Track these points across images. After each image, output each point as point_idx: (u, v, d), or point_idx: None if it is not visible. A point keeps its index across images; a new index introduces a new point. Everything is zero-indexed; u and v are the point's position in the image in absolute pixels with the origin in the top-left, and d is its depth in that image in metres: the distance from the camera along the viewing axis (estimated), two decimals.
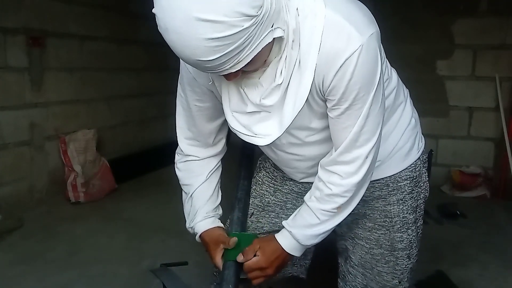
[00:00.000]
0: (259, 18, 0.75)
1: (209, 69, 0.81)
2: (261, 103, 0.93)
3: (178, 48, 0.79)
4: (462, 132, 4.06)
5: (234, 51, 0.76)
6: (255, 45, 0.79)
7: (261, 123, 0.96)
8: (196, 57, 0.77)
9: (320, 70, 0.89)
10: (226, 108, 0.99)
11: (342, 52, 0.86)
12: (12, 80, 3.14)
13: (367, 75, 0.89)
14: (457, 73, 4.01)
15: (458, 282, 2.29)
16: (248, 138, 0.98)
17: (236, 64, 0.80)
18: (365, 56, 0.87)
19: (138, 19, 4.52)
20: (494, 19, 3.82)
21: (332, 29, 0.86)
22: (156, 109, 4.93)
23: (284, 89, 0.91)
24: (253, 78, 0.92)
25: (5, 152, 3.12)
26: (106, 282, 2.26)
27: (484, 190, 3.82)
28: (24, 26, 3.18)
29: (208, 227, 1.23)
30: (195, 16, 0.71)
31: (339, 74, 0.88)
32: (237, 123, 0.98)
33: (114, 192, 3.76)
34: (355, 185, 1.01)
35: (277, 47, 0.88)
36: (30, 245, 2.68)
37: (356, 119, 0.93)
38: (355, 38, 0.86)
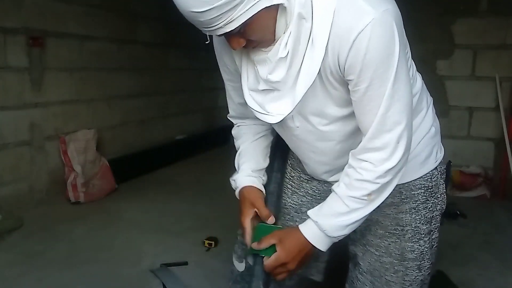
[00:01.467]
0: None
1: (204, 25, 0.82)
2: (268, 79, 0.93)
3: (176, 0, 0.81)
4: (462, 132, 4.06)
5: (225, 6, 0.77)
6: (249, 5, 0.79)
7: (274, 102, 0.96)
8: (189, 8, 0.78)
9: (334, 48, 0.88)
10: (244, 86, 1.01)
11: (354, 26, 0.84)
12: (12, 80, 3.14)
13: (383, 50, 0.86)
14: (457, 73, 4.01)
15: (458, 282, 2.29)
16: (261, 115, 0.99)
17: (230, 22, 0.80)
18: (379, 30, 0.84)
19: (138, 19, 4.52)
20: (494, 19, 3.82)
21: (344, 5, 0.85)
22: (156, 109, 4.93)
23: (289, 64, 0.90)
24: (263, 53, 0.92)
25: (5, 152, 3.12)
26: (106, 282, 2.26)
27: (484, 190, 3.82)
28: (24, 26, 3.18)
29: (249, 183, 1.18)
30: None
31: (353, 50, 0.85)
32: (253, 100, 0.99)
33: (114, 192, 3.75)
34: (388, 172, 0.96)
35: (282, 19, 0.87)
36: (30, 245, 2.68)
37: (379, 99, 0.89)
38: (368, 13, 0.84)
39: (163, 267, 2.34)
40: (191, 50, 5.65)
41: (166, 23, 5.01)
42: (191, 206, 3.41)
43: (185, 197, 3.68)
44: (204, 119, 5.94)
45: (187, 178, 4.28)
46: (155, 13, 4.80)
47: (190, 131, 5.50)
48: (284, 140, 1.19)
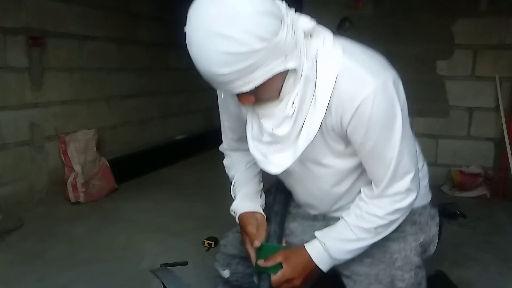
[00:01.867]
0: (272, 44, 0.83)
1: (222, 84, 0.88)
2: (273, 133, 1.00)
3: (197, 60, 0.87)
4: (462, 132, 4.06)
5: (245, 69, 0.83)
6: (267, 69, 0.85)
7: (277, 153, 1.03)
8: (211, 69, 0.85)
9: (338, 111, 0.97)
10: (249, 135, 1.08)
11: (356, 95, 0.94)
12: (12, 80, 3.14)
13: (385, 114, 0.96)
14: (457, 73, 4.01)
15: (458, 282, 2.29)
16: (263, 164, 1.06)
17: (247, 84, 0.86)
18: (381, 98, 0.94)
19: (138, 19, 4.52)
20: (494, 19, 3.82)
21: (347, 73, 0.95)
22: (156, 109, 4.93)
23: (294, 121, 0.98)
24: (268, 109, 0.99)
25: (5, 152, 3.12)
26: (106, 282, 2.26)
27: (484, 190, 3.82)
28: (24, 26, 3.18)
29: (245, 210, 1.25)
30: (215, 30, 0.80)
31: (357, 115, 0.95)
32: (256, 150, 1.07)
33: (114, 192, 3.76)
34: (398, 211, 1.06)
35: (291, 80, 0.94)
36: (30, 245, 2.68)
37: (388, 153, 1.00)
38: (369, 82, 0.94)
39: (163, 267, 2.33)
40: None
41: (166, 23, 5.01)
42: (191, 206, 3.41)
43: (185, 197, 3.68)
44: (204, 119, 5.94)
45: (187, 178, 4.28)
46: (155, 13, 4.80)
47: (190, 131, 5.50)
48: (282, 179, 1.28)
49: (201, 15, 0.83)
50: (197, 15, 0.84)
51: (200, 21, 0.83)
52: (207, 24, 0.82)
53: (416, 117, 4.17)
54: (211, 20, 0.81)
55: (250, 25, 0.80)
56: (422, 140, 4.15)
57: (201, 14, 0.83)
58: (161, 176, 4.43)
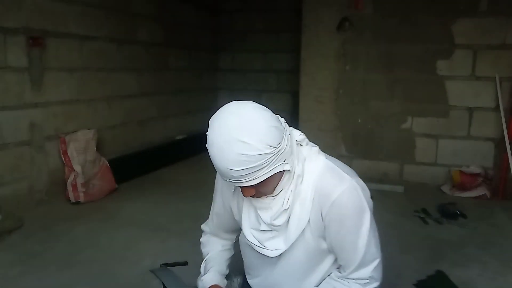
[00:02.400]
0: (277, 150, 1.07)
1: (234, 178, 1.07)
2: (272, 223, 1.21)
3: (217, 159, 1.07)
4: (462, 132, 4.06)
5: (255, 167, 1.05)
6: (270, 169, 1.08)
7: (271, 240, 1.25)
8: (228, 166, 1.05)
9: (318, 204, 1.18)
10: (245, 224, 1.28)
11: (335, 188, 1.17)
12: (12, 80, 3.14)
13: (357, 207, 1.18)
14: (457, 73, 4.01)
15: (458, 282, 2.29)
16: (260, 249, 1.27)
17: (254, 179, 1.07)
18: (354, 192, 1.17)
19: (138, 19, 4.52)
20: (494, 19, 3.82)
21: (328, 172, 1.20)
22: (156, 109, 4.93)
23: (289, 213, 1.20)
24: (265, 203, 1.20)
25: (5, 152, 3.12)
26: (106, 282, 2.26)
27: (484, 190, 3.82)
28: (24, 26, 3.18)
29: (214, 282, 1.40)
30: (235, 137, 1.02)
31: (334, 207, 1.16)
32: (253, 237, 1.27)
33: (114, 192, 3.76)
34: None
35: (285, 178, 1.17)
36: (30, 245, 2.68)
37: (357, 241, 1.19)
38: (345, 179, 1.18)
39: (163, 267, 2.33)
40: (191, 50, 5.65)
41: (166, 23, 5.01)
42: (191, 206, 3.41)
43: (185, 197, 3.68)
44: (204, 119, 5.91)
45: (187, 178, 4.28)
46: (155, 13, 4.80)
47: (190, 131, 5.50)
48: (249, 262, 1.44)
49: (224, 124, 1.05)
50: (220, 124, 1.06)
51: (223, 128, 1.05)
52: (228, 131, 1.04)
53: (416, 117, 4.17)
54: (232, 128, 1.03)
55: (262, 135, 1.04)
56: (422, 140, 4.17)
57: (224, 123, 1.05)
58: (161, 176, 4.43)
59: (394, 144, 4.26)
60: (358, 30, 4.18)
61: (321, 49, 4.28)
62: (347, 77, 4.29)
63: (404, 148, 4.24)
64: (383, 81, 4.20)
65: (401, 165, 4.28)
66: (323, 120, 4.38)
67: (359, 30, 4.17)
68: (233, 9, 6.20)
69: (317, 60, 4.31)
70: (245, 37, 6.18)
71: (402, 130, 4.22)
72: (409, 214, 3.37)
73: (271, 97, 6.12)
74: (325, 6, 4.20)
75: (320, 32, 4.25)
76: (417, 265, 2.50)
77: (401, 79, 4.15)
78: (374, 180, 4.22)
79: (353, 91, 4.29)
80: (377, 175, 4.30)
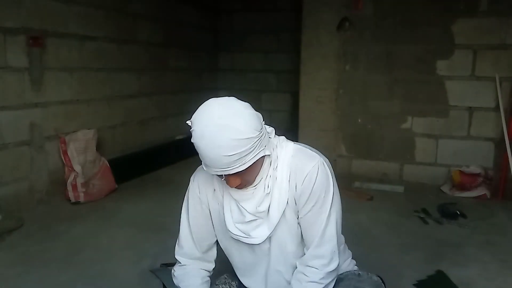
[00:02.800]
0: (260, 135, 1.17)
1: (225, 166, 1.14)
2: (257, 210, 1.30)
3: (209, 149, 1.13)
4: (462, 132, 4.06)
5: (244, 152, 1.13)
6: (256, 153, 1.17)
7: (256, 229, 1.32)
8: (221, 153, 1.12)
9: (294, 181, 1.28)
10: (229, 220, 1.34)
11: (307, 164, 1.28)
12: (12, 80, 3.14)
13: (325, 182, 1.28)
14: (457, 73, 4.01)
15: (458, 282, 2.29)
16: (246, 239, 1.33)
17: (243, 164, 1.15)
18: (323, 168, 1.28)
19: (138, 19, 4.52)
20: (494, 19, 3.82)
21: (298, 153, 1.32)
22: (156, 109, 4.93)
23: (270, 198, 1.29)
24: (248, 194, 1.29)
25: (5, 152, 3.12)
26: (106, 282, 2.26)
27: (484, 190, 3.82)
28: (24, 26, 3.18)
29: None
30: (226, 124, 1.10)
31: (306, 179, 1.26)
32: (238, 230, 1.33)
33: (114, 192, 3.76)
34: (329, 274, 1.31)
35: (265, 165, 1.27)
36: (30, 245, 2.68)
37: (321, 216, 1.28)
38: (315, 157, 1.30)
39: (163, 267, 2.34)
40: (191, 50, 5.65)
41: (166, 23, 5.01)
42: None
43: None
44: None
45: (187, 178, 4.27)
46: (155, 13, 4.80)
47: (190, 131, 5.50)
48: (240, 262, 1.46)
49: (212, 115, 1.13)
50: (208, 116, 1.13)
51: (212, 119, 1.12)
52: (218, 120, 1.11)
53: (416, 117, 4.17)
54: (221, 117, 1.12)
55: (248, 121, 1.14)
56: (422, 140, 4.17)
57: (212, 114, 1.13)
58: (161, 176, 4.43)
59: (394, 144, 4.26)
60: (358, 30, 4.18)
61: (321, 49, 4.28)
62: (347, 77, 4.29)
63: (404, 148, 4.24)
64: (383, 81, 4.20)
65: (401, 165, 4.28)
66: (323, 120, 4.38)
67: (359, 30, 4.18)
68: (233, 9, 6.20)
69: (317, 60, 4.31)
70: (245, 37, 6.18)
71: (402, 130, 4.22)
72: (409, 214, 3.37)
73: (271, 97, 6.11)
74: (325, 6, 4.20)
75: (320, 32, 4.25)
76: (417, 265, 2.50)
77: (401, 79, 4.15)
78: (374, 180, 4.23)
79: (353, 91, 4.29)
80: (377, 175, 4.30)
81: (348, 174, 4.34)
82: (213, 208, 1.40)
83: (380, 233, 2.98)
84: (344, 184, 3.77)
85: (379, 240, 2.85)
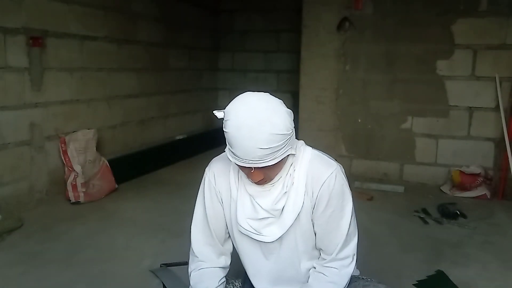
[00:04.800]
0: (292, 133, 1.21)
1: (257, 158, 1.15)
2: (273, 207, 1.30)
3: (246, 140, 1.13)
4: (462, 132, 4.06)
5: (278, 147, 1.16)
6: (286, 150, 1.19)
7: (267, 227, 1.32)
8: (257, 146, 1.13)
9: (311, 186, 1.29)
10: (241, 215, 1.34)
11: (325, 171, 1.29)
12: (12, 80, 3.14)
13: (342, 187, 1.30)
14: (457, 73, 4.01)
15: (458, 282, 2.29)
16: (257, 236, 1.33)
17: (274, 159, 1.17)
18: (340, 175, 1.30)
19: (138, 19, 4.52)
20: (494, 19, 3.82)
21: (316, 158, 1.33)
22: (156, 109, 4.93)
23: (287, 197, 1.29)
24: (265, 190, 1.30)
25: (5, 152, 3.12)
26: (106, 282, 2.26)
27: (484, 190, 3.82)
28: (24, 26, 3.18)
29: None
30: (267, 118, 1.13)
31: (324, 186, 1.28)
32: (249, 226, 1.33)
33: (114, 192, 3.76)
34: (348, 276, 1.33)
35: (287, 164, 1.29)
36: (30, 245, 2.68)
37: (341, 222, 1.31)
38: (332, 164, 1.32)
39: (163, 267, 2.34)
40: (191, 50, 5.65)
41: (166, 23, 5.01)
42: (191, 206, 3.40)
43: (185, 197, 3.67)
44: (204, 119, 5.94)
45: (187, 178, 4.28)
46: (155, 13, 4.80)
47: (190, 131, 5.51)
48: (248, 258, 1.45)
49: (253, 107, 1.15)
50: (249, 107, 1.15)
51: (253, 111, 1.14)
52: (259, 113, 1.14)
53: (416, 117, 4.17)
54: (262, 110, 1.14)
55: (285, 118, 1.17)
56: (422, 140, 4.17)
57: (252, 106, 1.15)
58: (161, 176, 4.43)
59: (394, 144, 4.26)
60: (358, 30, 4.18)
61: (321, 49, 4.28)
62: (347, 77, 4.29)
63: (404, 148, 4.24)
64: (383, 81, 4.20)
65: (401, 165, 4.28)
66: (323, 120, 4.38)
67: (359, 30, 4.17)
68: (233, 9, 6.20)
69: (317, 60, 4.31)
70: (245, 37, 6.19)
71: (402, 130, 4.22)
72: (409, 214, 3.37)
73: None
74: (325, 6, 4.20)
75: (320, 32, 4.25)
76: (417, 265, 2.50)
77: (401, 79, 4.15)
78: (374, 180, 4.23)
79: (353, 91, 4.29)
80: (377, 175, 4.30)
81: (348, 174, 4.29)
82: (226, 201, 1.40)
83: (380, 233, 2.98)
84: None
85: (379, 240, 2.85)
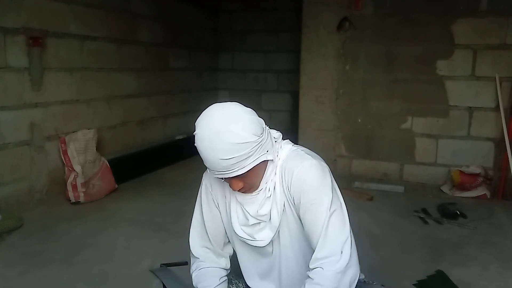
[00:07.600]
0: (260, 139, 1.18)
1: (224, 169, 1.16)
2: (258, 213, 1.31)
3: (208, 151, 1.15)
4: (462, 132, 4.06)
5: (243, 156, 1.14)
6: (256, 158, 1.18)
7: (260, 232, 1.34)
8: (219, 157, 1.13)
9: (285, 183, 1.28)
10: (235, 223, 1.36)
11: (296, 164, 1.26)
12: (12, 80, 3.14)
13: (317, 182, 1.24)
14: (457, 73, 4.01)
15: (458, 282, 2.29)
16: (251, 242, 1.35)
17: (242, 168, 1.16)
18: (313, 167, 1.25)
19: (138, 19, 4.52)
20: (494, 19, 3.82)
21: (291, 155, 1.31)
22: (156, 109, 4.93)
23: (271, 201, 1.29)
24: (249, 198, 1.30)
25: (5, 152, 3.12)
26: (106, 282, 2.26)
27: (484, 190, 3.82)
28: (24, 26, 3.18)
29: None
30: (224, 128, 1.13)
31: (295, 178, 1.25)
32: (244, 233, 1.35)
33: (114, 192, 3.76)
34: (335, 276, 1.20)
35: (269, 170, 1.28)
36: (30, 245, 2.68)
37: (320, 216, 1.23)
38: (307, 159, 1.28)
39: (163, 267, 2.34)
40: (191, 50, 5.65)
41: (166, 23, 5.01)
42: (191, 206, 3.40)
43: (185, 197, 3.67)
44: None
45: (187, 178, 4.28)
46: (155, 13, 4.80)
47: (190, 131, 5.49)
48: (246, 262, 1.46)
49: (211, 119, 1.16)
50: (208, 120, 1.16)
51: (211, 122, 1.15)
52: (217, 123, 1.14)
53: (416, 117, 4.17)
54: (219, 121, 1.14)
55: (247, 125, 1.15)
56: (422, 140, 4.17)
57: (211, 118, 1.16)
58: (161, 176, 4.43)
59: (394, 144, 4.26)
60: (358, 30, 4.18)
61: (321, 49, 4.28)
62: (347, 77, 4.29)
63: (404, 148, 4.24)
64: (383, 81, 4.20)
65: (401, 165, 4.28)
66: (323, 120, 4.38)
67: (359, 30, 4.18)
68: (233, 9, 6.20)
69: (317, 60, 4.31)
70: (245, 37, 6.18)
71: (402, 130, 4.22)
72: (409, 214, 3.37)
73: (271, 97, 6.11)
74: (325, 6, 4.20)
75: (320, 32, 4.25)
76: (417, 265, 2.50)
77: (401, 79, 4.15)
78: (374, 180, 4.23)
79: (353, 91, 4.29)
80: (377, 175, 4.30)
81: (348, 174, 4.34)
82: (222, 207, 1.42)
83: (380, 233, 2.98)
84: (344, 184, 3.77)
85: (379, 240, 2.85)
